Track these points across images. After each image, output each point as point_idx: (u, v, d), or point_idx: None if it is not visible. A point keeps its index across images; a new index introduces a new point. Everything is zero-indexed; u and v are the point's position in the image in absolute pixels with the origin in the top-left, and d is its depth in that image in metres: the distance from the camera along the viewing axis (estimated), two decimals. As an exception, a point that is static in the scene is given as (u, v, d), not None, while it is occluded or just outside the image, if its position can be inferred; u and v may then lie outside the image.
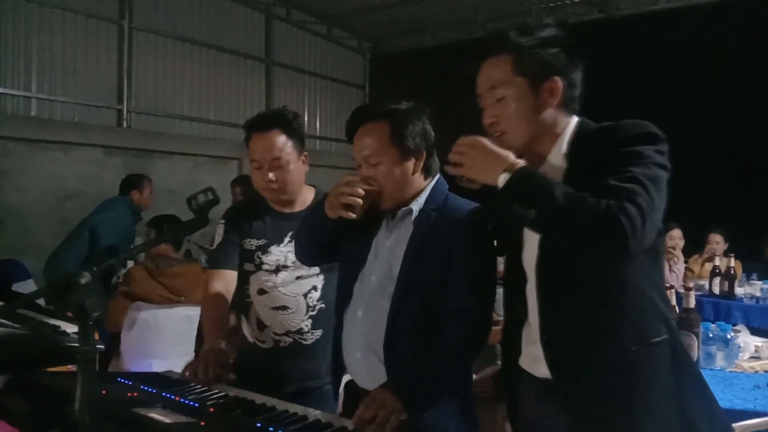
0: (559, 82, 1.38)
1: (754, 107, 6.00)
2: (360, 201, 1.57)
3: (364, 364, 1.64)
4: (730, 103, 6.04)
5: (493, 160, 1.31)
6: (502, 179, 1.28)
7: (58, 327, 2.02)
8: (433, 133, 1.70)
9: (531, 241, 1.43)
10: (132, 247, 4.48)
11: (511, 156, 1.31)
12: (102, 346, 2.00)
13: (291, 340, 2.03)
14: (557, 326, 1.37)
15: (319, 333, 2.04)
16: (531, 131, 1.39)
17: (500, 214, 1.35)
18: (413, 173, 1.66)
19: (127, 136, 6.68)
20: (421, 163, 1.67)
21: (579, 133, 1.41)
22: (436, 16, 8.35)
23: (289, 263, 2.05)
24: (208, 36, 7.44)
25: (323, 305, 2.04)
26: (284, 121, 2.02)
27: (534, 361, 1.44)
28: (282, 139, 2.00)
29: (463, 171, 1.36)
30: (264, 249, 2.07)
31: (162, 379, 1.70)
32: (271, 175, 2.00)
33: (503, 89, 1.39)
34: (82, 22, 6.30)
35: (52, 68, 6.11)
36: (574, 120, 1.43)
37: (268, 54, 8.26)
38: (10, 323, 1.79)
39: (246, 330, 2.11)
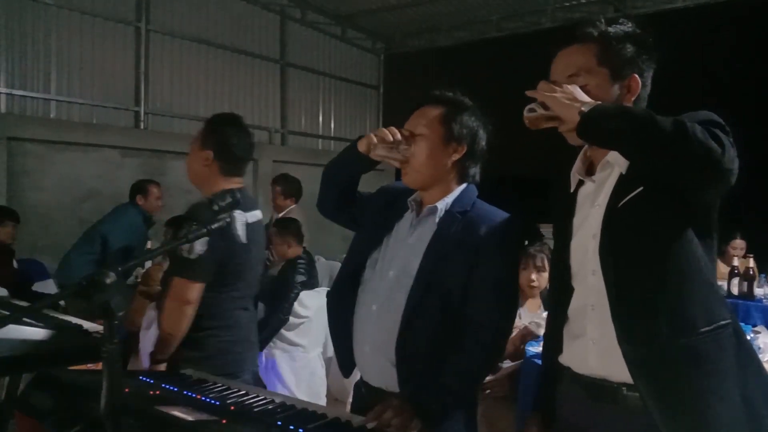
0: (639, 80, 1.38)
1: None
2: (391, 138, 1.63)
3: (372, 359, 1.64)
4: (748, 101, 5.99)
5: (583, 101, 1.29)
6: (589, 105, 1.26)
7: (81, 326, 2.07)
8: (484, 143, 1.71)
9: (586, 227, 1.40)
10: (151, 249, 4.50)
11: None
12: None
13: None
14: (628, 303, 1.32)
15: None
16: None
17: (582, 132, 1.29)
18: (447, 164, 1.66)
19: (144, 137, 6.75)
20: (459, 157, 1.67)
21: None
22: (450, 15, 8.34)
23: None
24: (223, 37, 7.49)
25: None
26: (208, 121, 2.44)
27: (578, 356, 1.42)
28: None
29: (546, 97, 1.33)
30: None
31: (183, 378, 1.72)
32: None
33: (585, 78, 1.37)
34: (99, 24, 6.37)
35: (70, 70, 6.18)
36: None
37: (283, 55, 8.30)
38: (34, 322, 1.83)
39: None
